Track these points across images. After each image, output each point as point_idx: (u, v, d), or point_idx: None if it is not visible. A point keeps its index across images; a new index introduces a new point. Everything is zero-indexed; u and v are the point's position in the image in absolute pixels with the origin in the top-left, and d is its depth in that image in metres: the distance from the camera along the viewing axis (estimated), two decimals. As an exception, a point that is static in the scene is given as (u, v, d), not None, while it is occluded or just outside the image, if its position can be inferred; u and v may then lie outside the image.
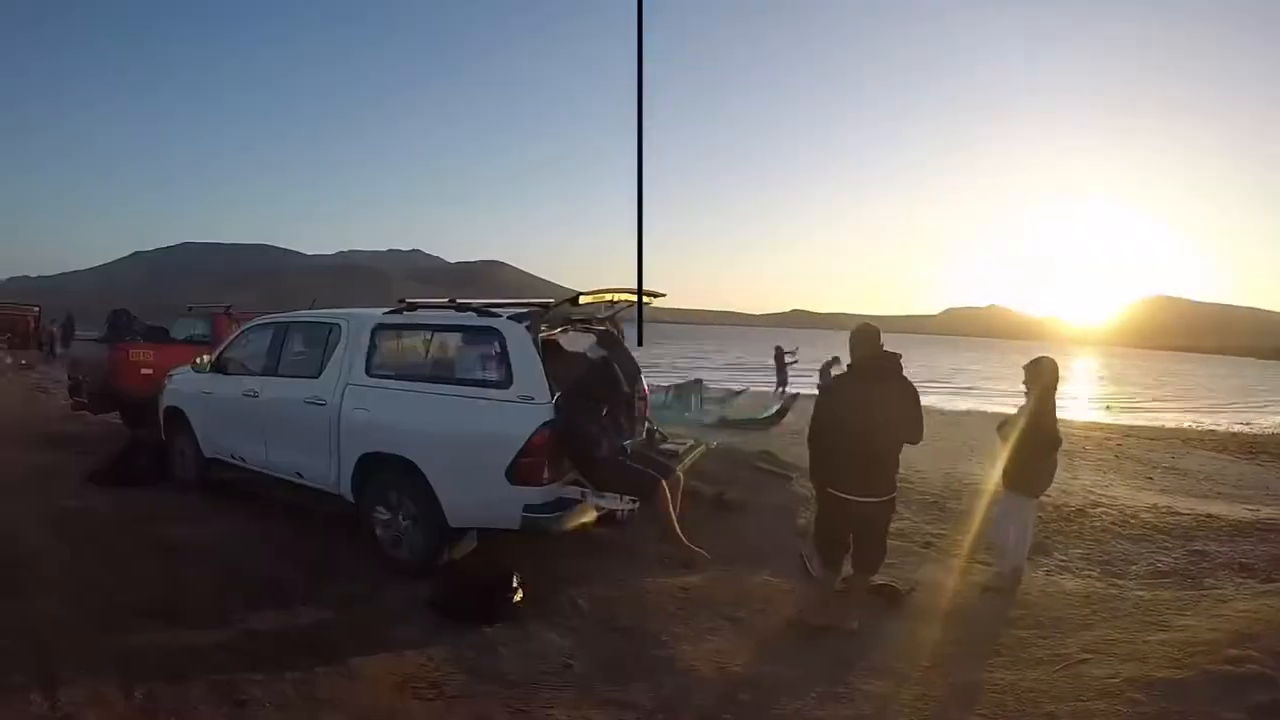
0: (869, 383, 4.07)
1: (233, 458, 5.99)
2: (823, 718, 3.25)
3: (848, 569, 4.33)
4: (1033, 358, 4.90)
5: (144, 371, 8.55)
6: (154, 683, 3.26)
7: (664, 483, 4.49)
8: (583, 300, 4.56)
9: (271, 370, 5.66)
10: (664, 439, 5.73)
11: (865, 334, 4.19)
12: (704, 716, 3.24)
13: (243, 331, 6.32)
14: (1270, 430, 18.92)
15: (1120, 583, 5.22)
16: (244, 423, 5.78)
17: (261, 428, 5.61)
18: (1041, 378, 4.77)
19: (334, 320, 5.36)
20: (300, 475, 5.31)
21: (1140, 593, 4.86)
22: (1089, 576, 5.31)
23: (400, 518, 4.70)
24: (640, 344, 5.30)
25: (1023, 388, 4.87)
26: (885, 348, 4.14)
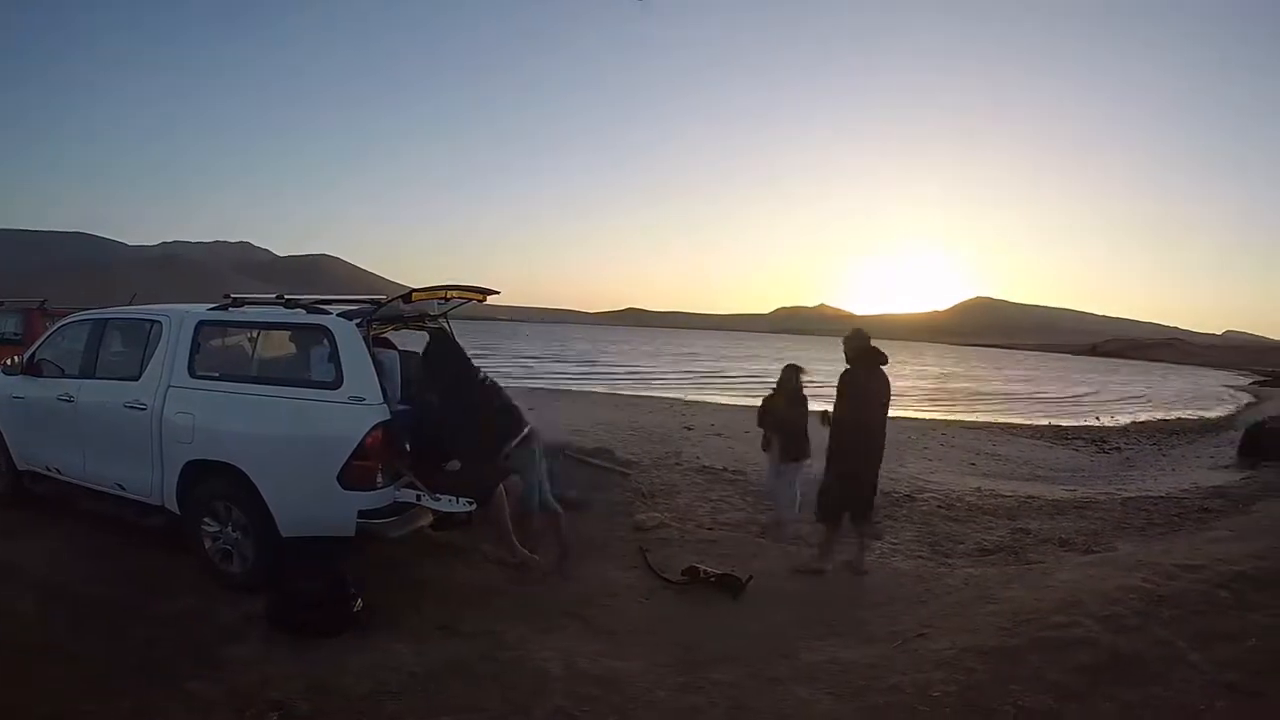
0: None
1: (49, 469, 5.53)
2: (677, 709, 3.30)
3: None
4: (787, 363, 6.32)
5: None
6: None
7: (501, 485, 4.46)
8: (415, 297, 4.46)
9: (89, 372, 5.26)
10: None
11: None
12: (556, 715, 3.22)
13: (57, 329, 5.82)
14: (1083, 420, 20.90)
15: (950, 561, 5.65)
16: (60, 430, 5.34)
17: (79, 436, 5.20)
18: (790, 379, 6.13)
19: (155, 317, 5.04)
20: (121, 487, 4.97)
21: (969, 569, 5.26)
22: (920, 557, 5.72)
23: (230, 529, 4.51)
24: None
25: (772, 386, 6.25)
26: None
